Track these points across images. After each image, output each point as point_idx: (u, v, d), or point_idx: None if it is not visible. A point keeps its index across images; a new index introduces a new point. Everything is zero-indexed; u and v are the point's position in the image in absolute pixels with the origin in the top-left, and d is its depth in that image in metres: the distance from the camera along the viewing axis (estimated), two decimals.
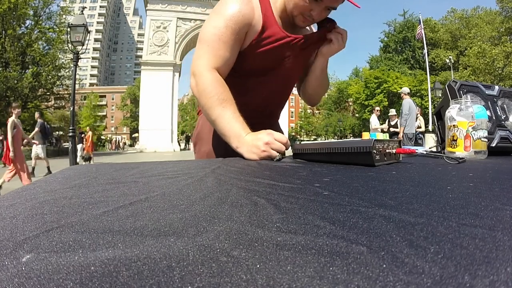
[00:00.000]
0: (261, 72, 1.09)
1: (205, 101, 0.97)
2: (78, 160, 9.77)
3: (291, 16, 1.01)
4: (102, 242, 0.23)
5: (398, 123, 7.36)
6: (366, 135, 0.73)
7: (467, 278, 0.16)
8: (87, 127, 13.22)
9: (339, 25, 1.05)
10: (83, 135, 11.98)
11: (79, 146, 11.30)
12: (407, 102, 6.83)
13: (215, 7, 1.02)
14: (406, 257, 0.19)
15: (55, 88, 21.61)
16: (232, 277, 0.17)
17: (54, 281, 0.17)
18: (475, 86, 1.10)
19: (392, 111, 8.44)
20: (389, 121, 8.36)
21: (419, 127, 8.26)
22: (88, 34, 7.95)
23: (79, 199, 0.39)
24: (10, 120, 5.25)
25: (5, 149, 5.34)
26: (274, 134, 0.86)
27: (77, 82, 9.13)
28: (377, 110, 9.25)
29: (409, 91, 7.24)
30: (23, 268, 0.19)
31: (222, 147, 1.14)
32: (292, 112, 55.94)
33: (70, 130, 7.38)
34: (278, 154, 0.83)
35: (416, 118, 7.80)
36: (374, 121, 8.76)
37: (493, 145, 0.99)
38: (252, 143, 0.86)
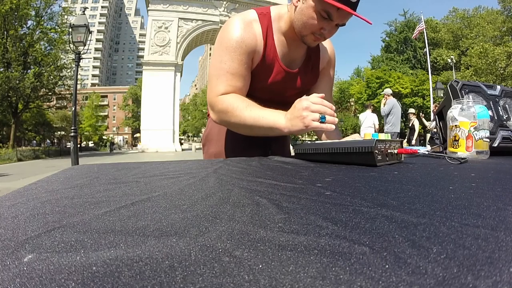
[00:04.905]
0: (264, 96, 1.08)
1: (233, 120, 0.96)
2: None
3: (299, 35, 0.97)
4: (104, 242, 0.23)
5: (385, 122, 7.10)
6: (368, 135, 0.73)
7: (470, 278, 0.16)
8: None
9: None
10: None
11: None
12: (391, 102, 6.78)
13: (218, 39, 1.01)
14: (409, 257, 0.19)
15: (56, 88, 21.69)
16: (234, 277, 0.17)
17: (56, 281, 0.17)
18: (477, 86, 1.09)
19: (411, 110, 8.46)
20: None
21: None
22: (90, 34, 7.95)
23: (81, 199, 0.39)
24: None
25: None
26: (309, 97, 0.83)
27: (78, 82, 9.13)
28: (372, 106, 7.84)
29: (391, 92, 7.17)
30: (25, 268, 0.19)
31: (230, 149, 1.17)
32: None
33: (72, 130, 7.38)
34: (319, 115, 0.80)
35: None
36: (367, 118, 7.28)
37: (495, 145, 0.99)
38: (293, 116, 0.84)
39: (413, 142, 7.82)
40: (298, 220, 0.27)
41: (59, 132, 39.39)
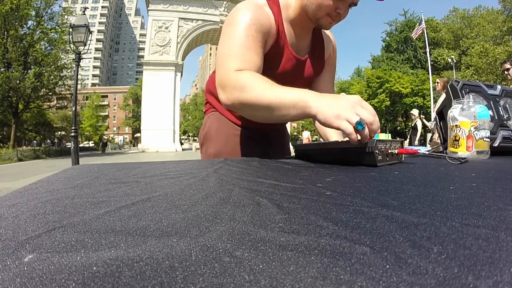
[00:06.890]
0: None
1: (249, 98, 0.81)
2: None
3: (314, 19, 0.95)
4: (104, 242, 0.23)
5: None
6: None
7: (470, 278, 0.16)
8: None
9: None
10: None
11: None
12: None
13: (227, 20, 0.94)
14: (409, 257, 0.19)
15: (57, 88, 21.70)
16: (235, 277, 0.17)
17: (56, 281, 0.17)
18: (478, 86, 1.09)
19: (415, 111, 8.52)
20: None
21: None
22: (90, 34, 7.96)
23: (82, 199, 0.39)
24: None
25: None
26: (363, 102, 0.70)
27: (79, 82, 9.13)
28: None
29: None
30: (25, 268, 0.19)
31: (230, 148, 1.15)
32: None
33: (73, 130, 7.39)
34: (359, 118, 0.65)
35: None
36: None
37: (496, 145, 0.99)
38: (333, 101, 0.70)
39: (416, 142, 7.84)
40: (298, 220, 0.27)
41: (59, 132, 39.43)
